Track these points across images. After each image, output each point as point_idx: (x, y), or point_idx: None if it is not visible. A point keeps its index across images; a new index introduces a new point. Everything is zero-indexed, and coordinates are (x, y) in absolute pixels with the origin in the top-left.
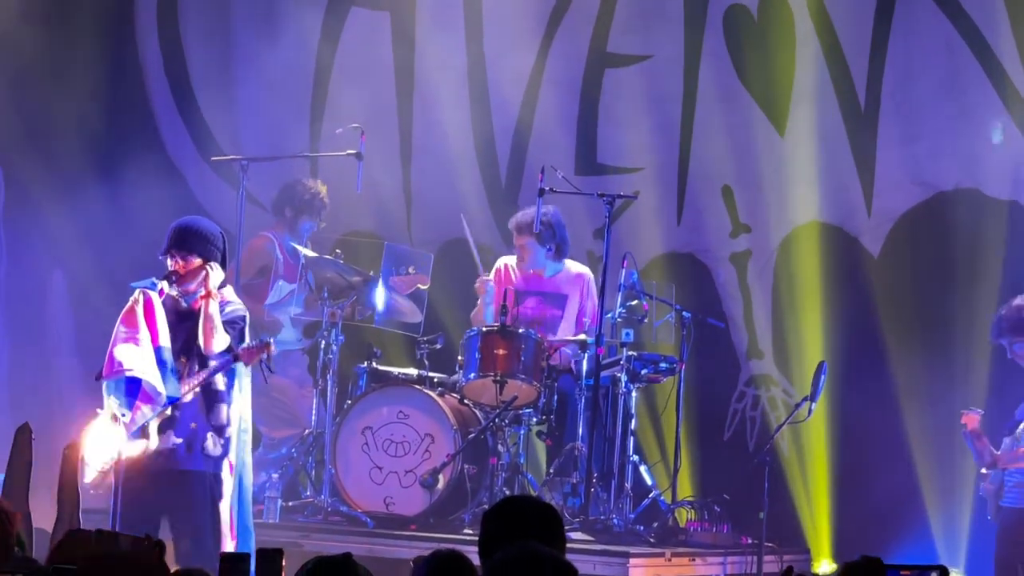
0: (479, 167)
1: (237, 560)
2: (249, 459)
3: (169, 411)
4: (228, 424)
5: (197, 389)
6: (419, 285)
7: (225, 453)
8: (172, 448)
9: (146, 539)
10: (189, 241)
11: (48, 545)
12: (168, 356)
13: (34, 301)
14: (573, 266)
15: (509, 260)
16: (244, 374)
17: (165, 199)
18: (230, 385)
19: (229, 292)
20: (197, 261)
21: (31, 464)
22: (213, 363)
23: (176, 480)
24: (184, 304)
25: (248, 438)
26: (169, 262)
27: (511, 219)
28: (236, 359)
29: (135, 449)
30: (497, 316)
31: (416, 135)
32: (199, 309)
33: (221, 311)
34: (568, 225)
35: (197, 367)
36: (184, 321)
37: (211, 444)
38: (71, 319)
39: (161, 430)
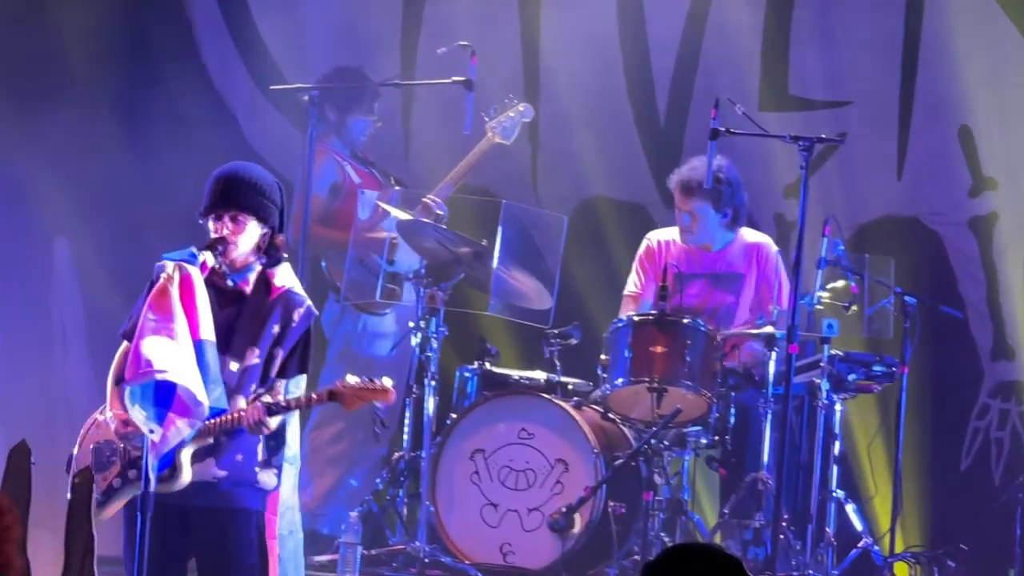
0: (629, 103)
1: None
2: (295, 498)
3: (211, 439)
4: (284, 446)
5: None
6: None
7: (278, 485)
8: (213, 482)
9: None
10: (240, 195)
11: None
12: (212, 354)
13: (30, 278)
14: (749, 235)
15: (662, 234)
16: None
17: (206, 142)
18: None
19: (286, 273)
20: (251, 223)
21: (29, 498)
22: (280, 382)
23: (218, 522)
24: (231, 282)
25: (296, 470)
26: (212, 225)
27: (673, 175)
28: (332, 398)
29: (165, 485)
30: (652, 290)
31: (545, 60)
32: (251, 293)
33: (287, 318)
34: (749, 180)
35: (249, 374)
36: (229, 305)
37: (265, 476)
38: (79, 302)
39: (197, 458)
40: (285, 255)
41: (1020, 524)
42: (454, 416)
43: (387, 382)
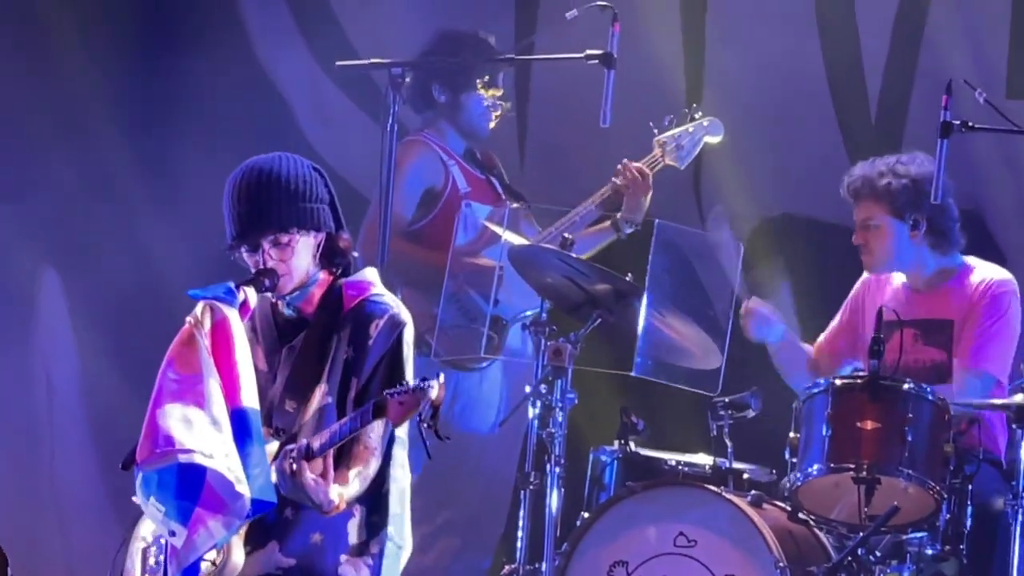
0: (830, 92)
1: None
2: None
3: (287, 511)
4: (388, 522)
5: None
6: None
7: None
8: (279, 574)
9: None
10: (273, 210)
11: None
12: (256, 427)
13: (10, 315)
14: (980, 271)
15: (887, 276)
16: (403, 438)
17: (249, 138)
18: (387, 452)
19: (365, 279)
20: (299, 238)
21: None
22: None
23: None
24: (290, 310)
25: (405, 555)
26: (249, 257)
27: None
28: (377, 413)
29: None
30: (843, 342)
31: (712, 33)
32: (316, 313)
33: (362, 336)
34: (992, 195)
35: (323, 421)
36: (293, 336)
37: (353, 569)
38: (74, 354)
39: (255, 541)
40: (354, 254)
41: None
42: (586, 516)
43: (439, 380)
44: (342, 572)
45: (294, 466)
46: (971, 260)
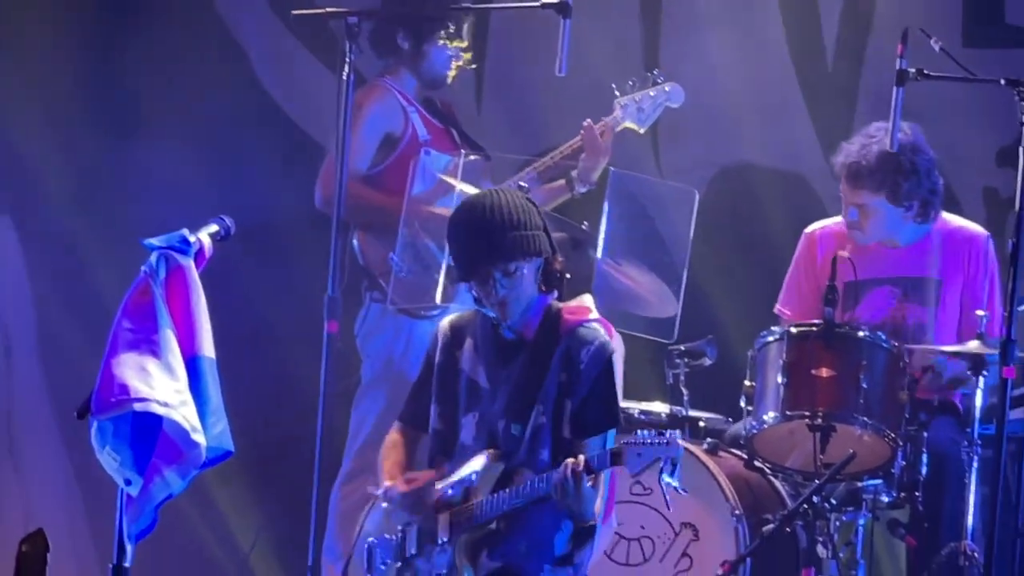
0: (786, 41)
1: None
2: None
3: (493, 524)
4: (594, 538)
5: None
6: None
7: None
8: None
9: None
10: (503, 243)
11: None
12: (212, 376)
13: None
14: (953, 223)
15: (826, 225)
16: None
17: (209, 95)
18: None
19: (581, 305)
20: (525, 267)
21: None
22: (583, 443)
23: None
24: (511, 334)
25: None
26: (478, 289)
27: (839, 151)
28: (615, 461)
29: None
30: (810, 304)
31: None
32: (535, 337)
33: (574, 360)
34: (949, 143)
35: (539, 439)
36: (514, 358)
37: None
38: (29, 302)
39: (471, 551)
40: (568, 275)
41: None
42: None
43: (677, 436)
44: (546, 573)
45: (577, 473)
46: (944, 215)
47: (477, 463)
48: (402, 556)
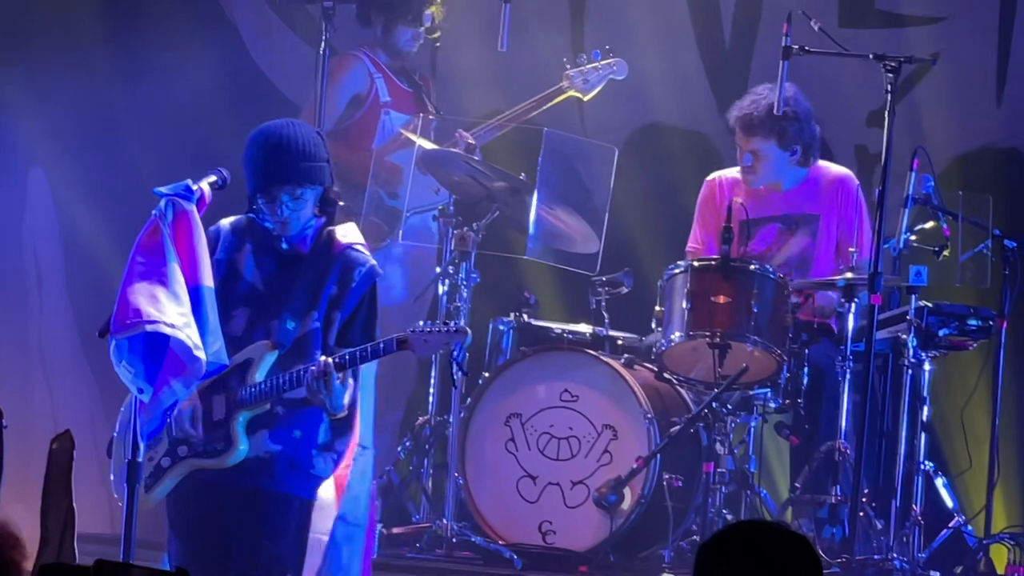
0: (691, 19)
1: None
2: (366, 486)
3: (268, 405)
4: (351, 431)
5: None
6: None
7: (331, 474)
8: (264, 458)
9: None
10: (292, 168)
11: None
12: (211, 302)
13: (1, 212)
14: (827, 169)
15: (724, 174)
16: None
17: (206, 64)
18: (355, 372)
19: (350, 230)
20: (308, 192)
21: (0, 466)
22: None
23: (256, 503)
24: (286, 245)
25: (371, 455)
26: (266, 205)
27: (732, 108)
28: (400, 346)
29: (217, 459)
30: (715, 241)
31: None
32: (310, 252)
33: (346, 279)
34: (826, 107)
35: (311, 340)
36: (288, 268)
37: (321, 462)
38: (58, 242)
39: (251, 429)
40: (340, 203)
41: None
42: (487, 375)
43: (461, 326)
44: (315, 462)
45: (327, 371)
46: (820, 162)
47: (254, 351)
48: (174, 432)
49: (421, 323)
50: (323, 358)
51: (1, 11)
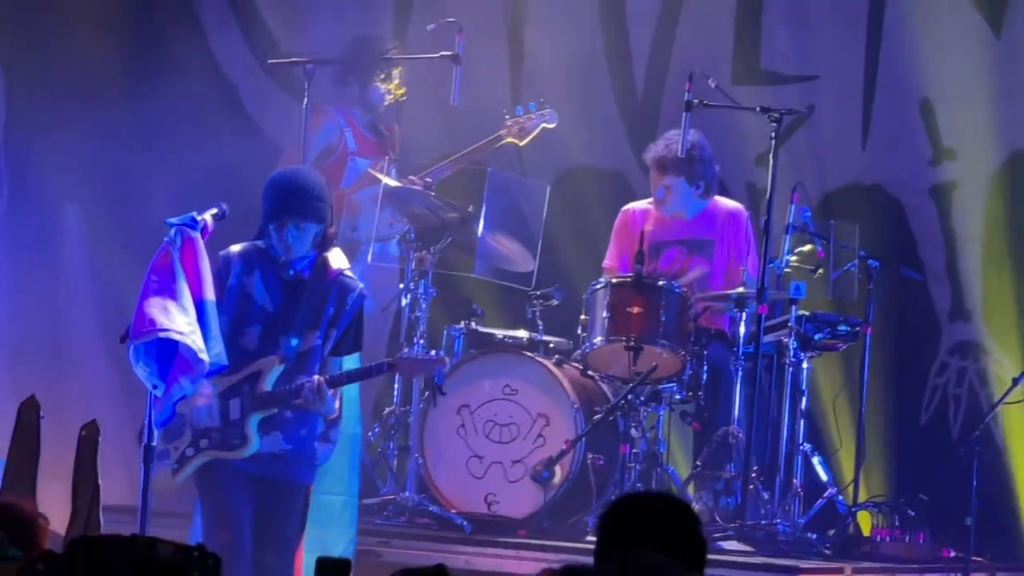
0: (609, 76)
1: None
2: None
3: (276, 409)
4: (341, 421)
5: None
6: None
7: (327, 459)
8: (279, 454)
9: (196, 549)
10: (302, 205)
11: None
12: (213, 313)
13: (41, 243)
14: (721, 203)
15: (637, 205)
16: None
17: (209, 114)
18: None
19: (339, 257)
20: (312, 226)
21: (39, 450)
22: (333, 360)
23: (274, 491)
24: (292, 272)
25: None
26: (276, 232)
27: (648, 151)
28: (390, 369)
29: (234, 452)
30: (628, 263)
31: (529, 37)
32: (310, 278)
33: (342, 300)
34: (721, 150)
35: (312, 355)
36: (291, 291)
37: (321, 451)
38: (86, 265)
39: (265, 430)
40: (336, 240)
41: (976, 475)
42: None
43: (442, 354)
44: (317, 453)
45: (321, 388)
46: (716, 197)
47: (264, 364)
48: (196, 427)
49: (406, 349)
50: (316, 377)
51: (34, 56)
